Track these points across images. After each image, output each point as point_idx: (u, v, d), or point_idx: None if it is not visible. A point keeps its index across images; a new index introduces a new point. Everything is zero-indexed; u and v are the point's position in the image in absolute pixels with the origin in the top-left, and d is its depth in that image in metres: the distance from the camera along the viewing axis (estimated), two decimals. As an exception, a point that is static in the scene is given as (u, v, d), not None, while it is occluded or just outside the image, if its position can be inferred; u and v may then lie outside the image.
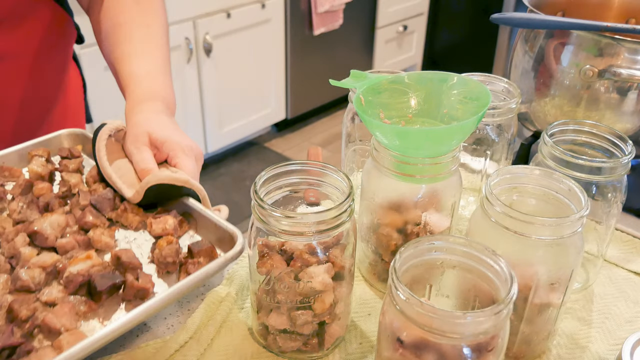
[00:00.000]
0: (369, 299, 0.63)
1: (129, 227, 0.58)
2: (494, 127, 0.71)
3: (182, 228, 0.57)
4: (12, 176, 0.64)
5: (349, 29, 2.86)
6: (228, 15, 2.30)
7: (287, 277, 0.50)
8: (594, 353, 0.57)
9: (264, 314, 0.53)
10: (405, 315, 0.40)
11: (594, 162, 0.57)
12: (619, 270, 0.68)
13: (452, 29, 3.30)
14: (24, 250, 0.52)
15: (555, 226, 0.47)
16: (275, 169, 0.52)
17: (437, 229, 0.58)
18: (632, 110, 0.76)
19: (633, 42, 0.73)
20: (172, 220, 0.56)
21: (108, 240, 0.55)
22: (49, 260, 0.51)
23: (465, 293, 0.48)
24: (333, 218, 0.48)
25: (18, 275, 0.49)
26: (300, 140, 2.87)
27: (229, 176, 2.59)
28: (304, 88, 2.82)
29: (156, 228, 0.55)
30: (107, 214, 0.59)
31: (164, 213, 0.58)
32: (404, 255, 0.43)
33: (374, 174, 0.58)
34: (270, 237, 0.50)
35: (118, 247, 0.56)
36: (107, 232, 0.56)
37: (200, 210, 0.56)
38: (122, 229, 0.59)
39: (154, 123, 0.64)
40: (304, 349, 0.54)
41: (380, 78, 0.60)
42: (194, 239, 0.56)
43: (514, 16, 0.80)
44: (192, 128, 2.39)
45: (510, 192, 0.54)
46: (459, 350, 0.40)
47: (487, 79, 0.73)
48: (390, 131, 0.55)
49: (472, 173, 0.78)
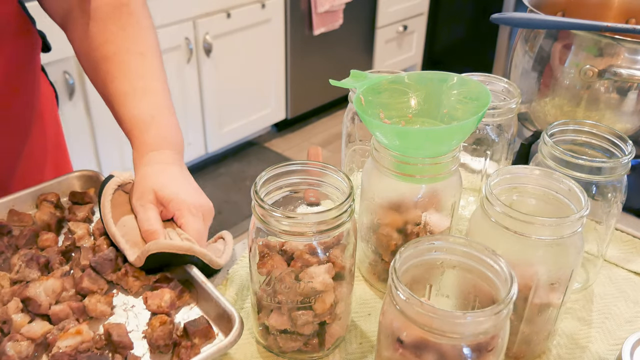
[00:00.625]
0: (369, 299, 0.63)
1: (129, 291, 0.56)
2: (494, 127, 0.71)
3: (182, 299, 0.55)
4: (20, 221, 0.63)
5: (349, 29, 2.86)
6: (228, 15, 2.30)
7: (287, 277, 0.50)
8: (594, 353, 0.57)
9: (265, 314, 0.53)
10: (405, 315, 0.40)
11: (594, 162, 0.57)
12: (619, 270, 0.68)
13: (452, 29, 3.30)
14: (16, 317, 0.51)
15: (555, 226, 0.47)
16: (275, 169, 0.52)
17: (437, 229, 0.58)
18: (632, 110, 0.76)
19: (633, 42, 0.73)
20: (168, 296, 0.53)
21: (104, 308, 0.53)
22: (39, 330, 0.50)
23: (465, 293, 0.48)
24: (333, 218, 0.48)
25: (4, 350, 0.48)
26: (300, 140, 2.87)
27: (229, 176, 2.59)
28: (304, 88, 2.82)
29: (151, 303, 0.53)
30: (108, 276, 0.57)
31: (165, 282, 0.56)
32: (404, 255, 0.43)
33: (374, 174, 0.58)
34: (271, 237, 0.50)
35: (115, 314, 0.54)
36: (104, 299, 0.54)
37: (202, 282, 0.53)
38: (122, 292, 0.57)
39: (162, 177, 0.61)
40: (305, 349, 0.54)
41: (380, 78, 0.60)
42: (193, 311, 0.54)
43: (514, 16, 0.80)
44: (192, 128, 2.39)
45: (510, 192, 0.54)
46: (459, 350, 0.40)
47: (487, 79, 0.73)
48: (390, 131, 0.55)
49: (472, 173, 0.78)
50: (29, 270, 0.56)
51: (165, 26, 2.10)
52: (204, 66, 2.30)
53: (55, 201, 0.66)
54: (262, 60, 2.55)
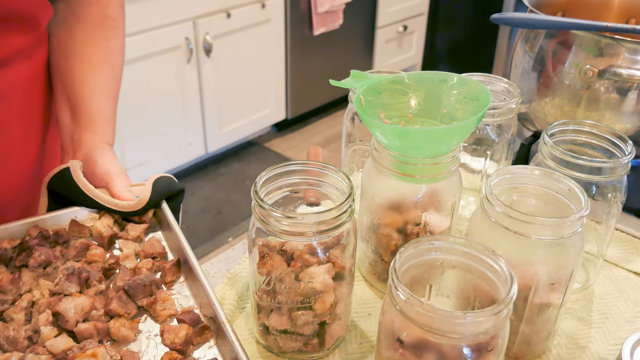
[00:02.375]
0: (369, 299, 0.63)
1: (156, 319, 0.56)
2: (494, 127, 0.71)
3: (203, 335, 0.54)
4: (79, 233, 0.64)
5: (349, 29, 2.86)
6: (228, 15, 2.30)
7: (287, 277, 0.50)
8: (594, 353, 0.57)
9: (265, 314, 0.53)
10: (405, 315, 0.40)
11: (594, 162, 0.57)
12: (619, 270, 0.68)
13: (452, 29, 3.30)
14: (45, 329, 0.52)
15: (555, 226, 0.47)
16: (275, 169, 0.52)
17: (437, 229, 0.58)
18: (632, 110, 0.76)
19: (633, 42, 0.73)
20: (184, 332, 0.53)
21: (127, 333, 0.54)
22: (61, 346, 0.51)
23: (465, 293, 0.48)
24: (333, 218, 0.48)
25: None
26: (300, 140, 2.87)
27: (229, 176, 2.59)
28: (304, 88, 2.82)
29: (166, 338, 0.53)
30: (139, 300, 0.57)
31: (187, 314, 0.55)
32: (404, 255, 0.43)
33: (374, 174, 0.58)
34: (271, 237, 0.50)
35: (137, 340, 0.54)
36: (129, 324, 0.54)
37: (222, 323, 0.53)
38: (152, 319, 0.56)
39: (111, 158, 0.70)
40: (305, 349, 0.54)
41: (380, 78, 0.60)
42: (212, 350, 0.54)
43: (514, 16, 0.80)
44: (192, 128, 2.39)
45: (510, 192, 0.54)
46: (459, 350, 0.40)
47: (487, 79, 0.73)
48: (390, 131, 0.55)
49: (472, 173, 0.78)
50: (68, 284, 0.56)
51: (165, 26, 2.10)
52: (204, 66, 2.30)
53: (116, 217, 0.66)
54: (262, 60, 2.55)
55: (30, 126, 0.74)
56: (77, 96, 0.72)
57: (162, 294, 0.57)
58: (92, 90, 0.73)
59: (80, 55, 0.73)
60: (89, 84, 0.73)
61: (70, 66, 0.73)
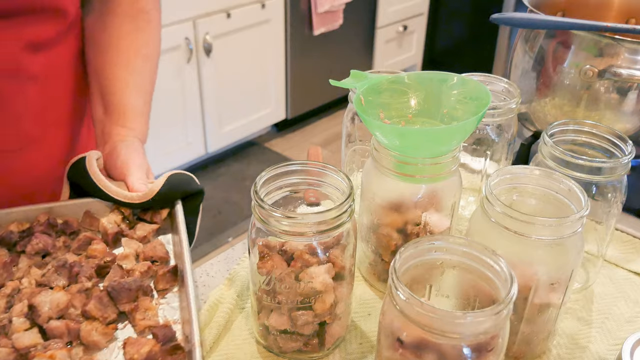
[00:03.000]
0: (369, 299, 0.63)
1: (135, 327, 0.52)
2: (494, 127, 0.71)
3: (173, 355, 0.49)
4: (90, 225, 0.63)
5: (349, 29, 2.86)
6: (228, 15, 2.30)
7: (287, 277, 0.50)
8: (594, 353, 0.57)
9: (265, 314, 0.53)
10: (405, 315, 0.40)
11: (594, 162, 0.57)
12: (619, 270, 0.68)
13: (452, 29, 3.30)
14: (17, 321, 0.49)
15: (555, 226, 0.47)
16: (275, 169, 0.52)
17: (437, 229, 0.58)
18: (632, 110, 0.76)
19: (633, 42, 0.73)
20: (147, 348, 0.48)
21: (97, 338, 0.50)
22: (26, 342, 0.47)
23: (465, 293, 0.48)
24: (333, 218, 0.48)
25: None
26: (300, 140, 2.87)
27: (229, 176, 2.59)
28: (304, 88, 2.82)
29: (128, 351, 0.49)
30: (122, 305, 0.53)
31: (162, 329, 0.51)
32: (404, 255, 0.43)
33: (374, 174, 0.58)
34: (271, 237, 0.50)
35: (107, 348, 0.50)
36: (103, 329, 0.50)
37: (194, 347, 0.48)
38: (131, 326, 0.53)
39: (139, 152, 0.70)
40: (305, 349, 0.54)
41: (380, 78, 0.60)
42: None
43: (514, 16, 0.80)
44: (192, 128, 2.39)
45: (510, 192, 0.54)
46: (459, 350, 0.40)
47: (487, 79, 0.73)
48: (390, 131, 0.55)
49: (472, 173, 0.78)
50: (56, 277, 0.54)
51: (165, 26, 2.10)
52: (204, 66, 2.30)
53: (126, 213, 0.63)
54: (262, 60, 2.55)
55: (61, 111, 0.74)
56: (109, 89, 0.73)
57: (146, 301, 0.53)
58: (123, 83, 0.73)
59: (112, 48, 0.74)
60: (120, 76, 0.73)
61: (102, 59, 0.74)
